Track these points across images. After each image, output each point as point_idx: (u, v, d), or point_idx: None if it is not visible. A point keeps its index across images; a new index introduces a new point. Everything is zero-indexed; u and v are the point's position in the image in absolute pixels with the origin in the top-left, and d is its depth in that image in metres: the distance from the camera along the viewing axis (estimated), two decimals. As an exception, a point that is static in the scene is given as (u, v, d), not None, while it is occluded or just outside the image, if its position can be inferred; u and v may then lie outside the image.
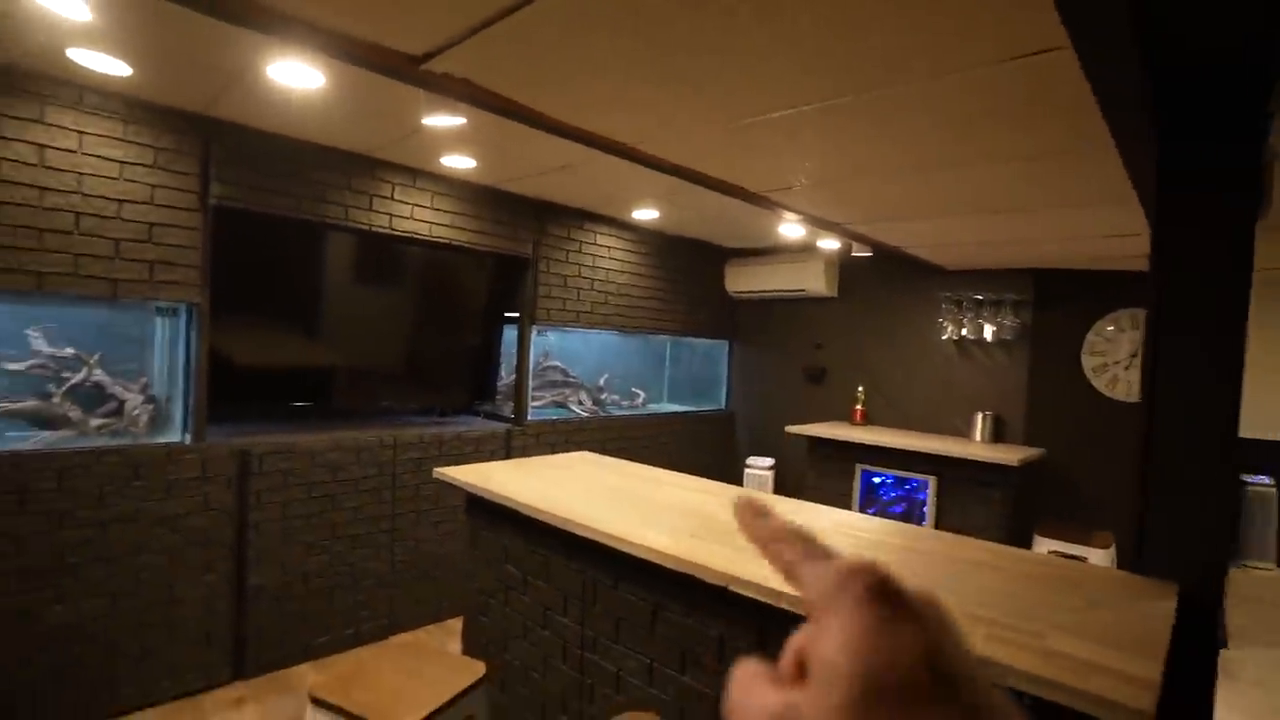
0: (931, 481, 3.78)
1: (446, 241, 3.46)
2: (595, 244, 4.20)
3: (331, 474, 3.06)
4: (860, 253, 3.96)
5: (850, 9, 1.19)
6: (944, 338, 4.20)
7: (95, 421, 2.66)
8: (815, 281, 4.59)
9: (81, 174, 2.40)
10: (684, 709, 1.67)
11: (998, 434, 4.02)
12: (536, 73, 1.52)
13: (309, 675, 2.91)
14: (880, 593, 0.26)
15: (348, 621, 3.13)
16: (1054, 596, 1.40)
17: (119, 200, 2.48)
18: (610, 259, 4.31)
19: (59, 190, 2.36)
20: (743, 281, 5.03)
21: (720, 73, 1.49)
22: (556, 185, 3.49)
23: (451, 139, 2.76)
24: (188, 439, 2.73)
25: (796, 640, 0.29)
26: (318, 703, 1.60)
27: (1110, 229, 2.75)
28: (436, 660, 1.82)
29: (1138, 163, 1.76)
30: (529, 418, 3.97)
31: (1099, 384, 3.84)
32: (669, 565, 1.58)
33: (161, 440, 2.71)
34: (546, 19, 1.23)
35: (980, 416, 4.03)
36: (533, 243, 3.84)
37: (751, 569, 1.48)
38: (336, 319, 3.50)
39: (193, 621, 2.70)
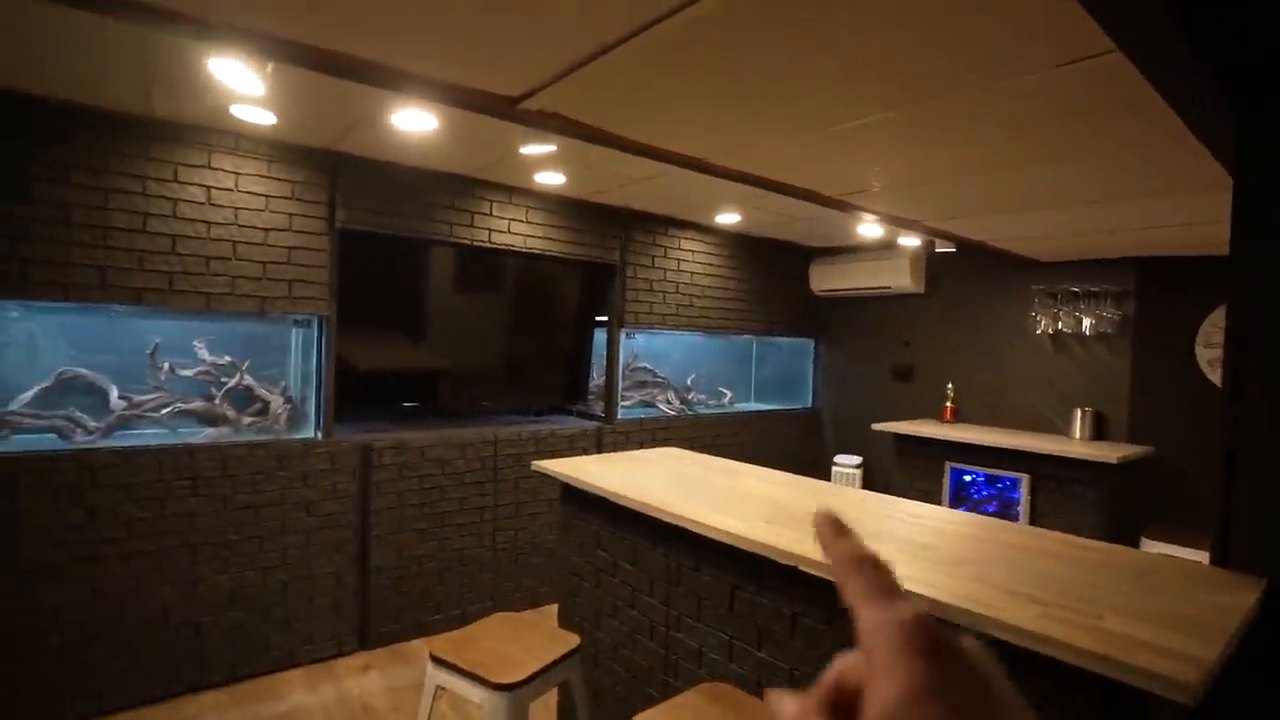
0: (1024, 480, 3.68)
1: (540, 252, 3.73)
2: (679, 249, 4.36)
3: (439, 468, 3.38)
4: (944, 248, 3.91)
5: (904, 31, 1.29)
6: (1038, 332, 4.06)
7: (246, 419, 3.09)
8: (901, 278, 4.55)
9: (237, 208, 2.81)
10: (760, 681, 1.80)
11: (1099, 431, 3.85)
12: (620, 106, 1.70)
13: (423, 648, 3.23)
14: (938, 654, 0.27)
15: (455, 602, 3.44)
16: (1121, 584, 1.43)
17: (265, 229, 2.88)
18: (694, 262, 4.46)
19: (221, 223, 2.78)
20: (827, 280, 5.04)
21: (790, 96, 1.62)
22: (641, 195, 3.68)
23: (544, 160, 3.00)
24: (319, 435, 3.11)
25: (843, 667, 0.30)
26: (437, 660, 1.85)
27: (1214, 215, 2.63)
28: (536, 631, 2.03)
29: (1221, 148, 1.73)
30: (619, 416, 4.18)
31: (1217, 377, 3.60)
32: (744, 547, 1.71)
33: (299, 436, 3.11)
34: (627, 62, 1.40)
35: (1079, 413, 3.87)
36: (619, 249, 4.05)
37: (816, 548, 1.59)
38: (441, 326, 3.84)
39: (326, 595, 3.08)
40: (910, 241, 3.78)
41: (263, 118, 2.55)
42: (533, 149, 2.32)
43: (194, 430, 2.95)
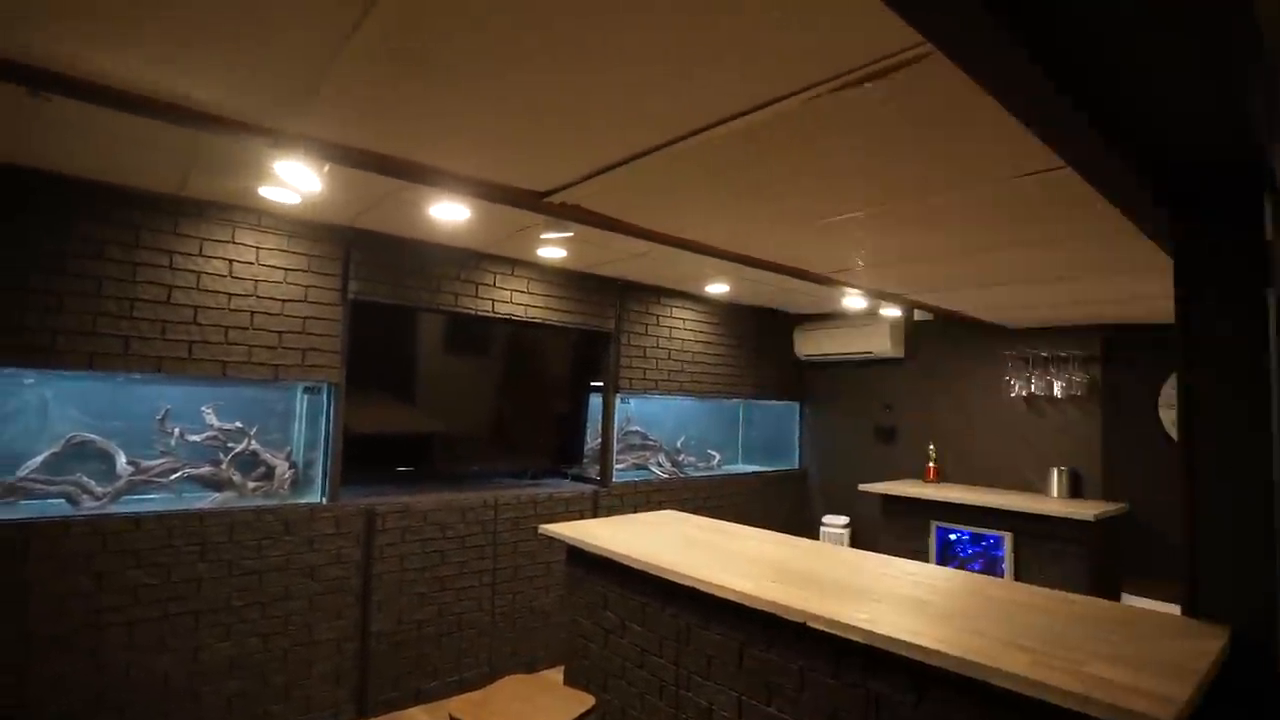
0: (1007, 538, 3.81)
1: (540, 320, 3.90)
2: (671, 317, 4.57)
3: (440, 531, 3.43)
4: (922, 315, 4.15)
5: (885, 145, 1.51)
6: (1013, 395, 4.28)
7: (251, 484, 3.14)
8: (881, 344, 4.78)
9: (257, 280, 2.95)
10: (769, 738, 1.87)
11: (1075, 489, 4.03)
12: (640, 201, 1.90)
13: (420, 715, 3.21)
14: None
15: (452, 668, 3.43)
16: (1100, 634, 1.56)
17: (283, 300, 3.02)
18: (685, 330, 4.66)
19: (241, 295, 2.91)
20: (811, 345, 5.27)
21: (789, 194, 1.83)
22: (637, 268, 3.89)
23: (554, 240, 3.20)
24: (325, 500, 3.17)
25: None
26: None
27: (1167, 290, 2.88)
28: (550, 693, 2.09)
29: (1162, 239, 1.97)
30: (614, 479, 4.27)
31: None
32: (753, 605, 1.82)
33: (304, 500, 3.16)
34: (651, 167, 1.60)
35: (1056, 472, 4.05)
36: (615, 318, 4.24)
37: (825, 606, 1.70)
38: (436, 390, 3.94)
39: (326, 661, 3.07)
40: (891, 311, 4.02)
41: (288, 197, 2.72)
42: (551, 235, 2.52)
43: (199, 495, 2.99)
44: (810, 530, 5.25)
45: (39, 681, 2.43)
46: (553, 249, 3.49)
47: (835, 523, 5.00)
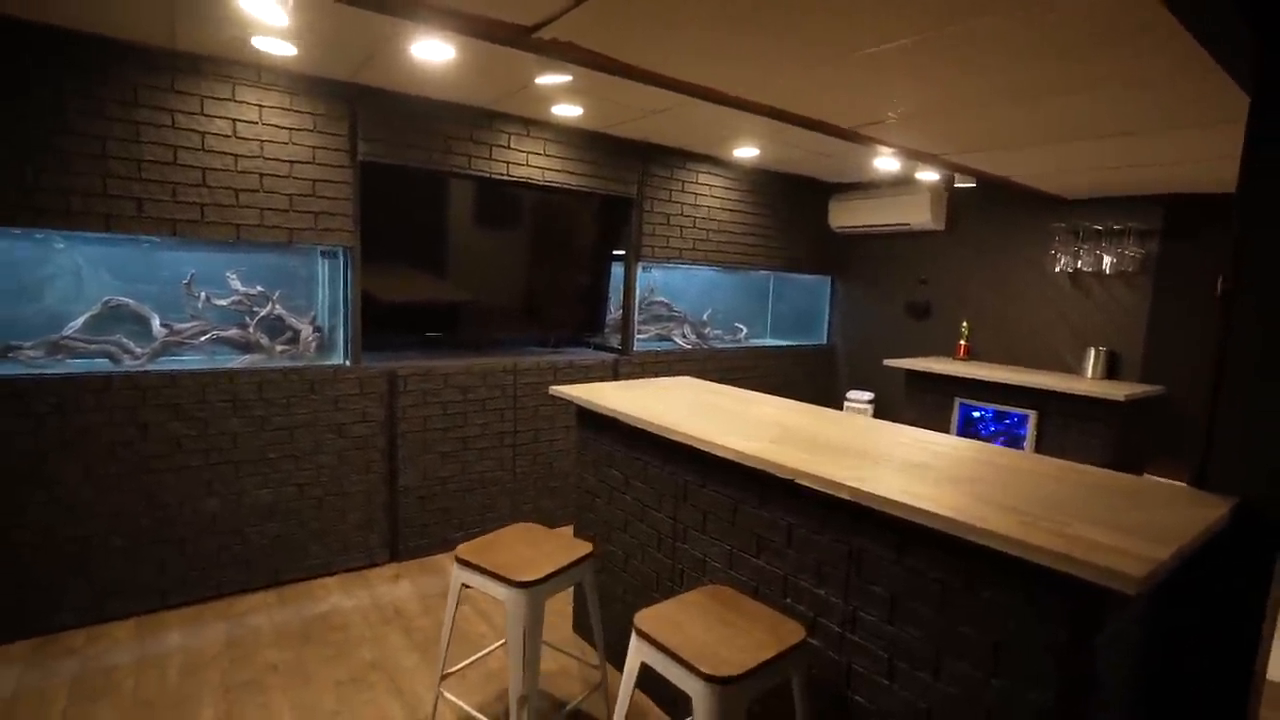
0: (1032, 416, 3.74)
1: (558, 185, 3.77)
2: (697, 183, 4.36)
3: (461, 394, 3.54)
4: (963, 183, 3.86)
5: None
6: (1057, 270, 4.04)
7: (279, 347, 3.25)
8: (920, 214, 4.51)
9: (263, 141, 2.89)
10: (758, 586, 1.95)
11: (1111, 370, 3.88)
12: (633, 33, 1.72)
13: (449, 562, 3.47)
14: None
15: (477, 521, 3.66)
16: (1101, 501, 1.52)
17: (290, 161, 2.96)
18: (712, 197, 4.46)
19: (247, 156, 2.86)
20: (846, 216, 5.01)
21: (805, 20, 1.63)
22: (658, 128, 3.67)
23: (560, 91, 3.01)
24: (348, 362, 3.27)
25: None
26: (462, 562, 2.03)
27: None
28: (553, 539, 2.20)
29: (1243, 75, 1.72)
30: (635, 348, 4.29)
31: (1233, 317, 3.58)
32: (746, 463, 1.83)
33: (329, 363, 3.26)
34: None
35: (1093, 352, 3.89)
36: (637, 183, 4.07)
37: (818, 466, 1.70)
38: (462, 259, 3.92)
39: (358, 510, 3.30)
40: (928, 176, 3.75)
41: (283, 49, 2.59)
42: (548, 79, 2.35)
43: (229, 356, 3.11)
44: (834, 405, 5.26)
45: (104, 515, 2.69)
46: (565, 106, 3.30)
47: (859, 398, 4.99)
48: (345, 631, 2.79)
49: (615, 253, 4.33)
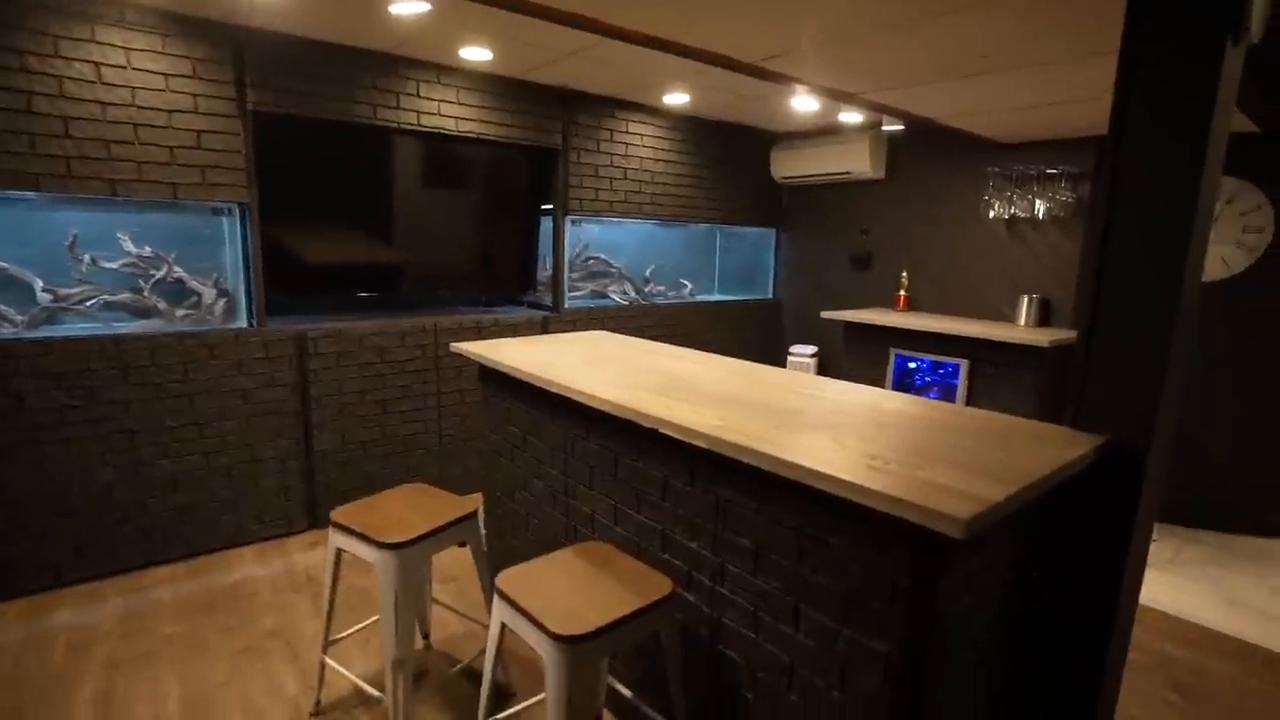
0: (963, 365, 3.71)
1: (474, 135, 3.59)
2: (627, 132, 4.20)
3: (379, 356, 3.42)
4: (890, 125, 3.74)
5: None
6: (991, 216, 3.96)
7: (180, 312, 3.09)
8: (860, 162, 4.40)
9: (134, 88, 2.69)
10: (639, 542, 1.89)
11: (1044, 317, 3.85)
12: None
13: (374, 526, 3.40)
14: None
15: (404, 482, 3.57)
16: (968, 443, 1.46)
17: (168, 110, 2.76)
18: (644, 146, 4.30)
19: (117, 104, 2.66)
20: (789, 166, 4.88)
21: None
22: (579, 73, 3.49)
23: (464, 32, 2.83)
24: (254, 324, 3.13)
25: None
26: (335, 525, 1.95)
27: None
28: (440, 498, 2.12)
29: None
30: (567, 306, 4.18)
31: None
32: (616, 414, 1.76)
33: (230, 326, 3.12)
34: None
35: (1026, 300, 3.85)
36: (562, 133, 3.90)
37: (677, 412, 1.62)
38: (394, 217, 3.75)
39: (272, 477, 3.19)
40: (852, 117, 3.62)
41: (142, -17, 2.39)
42: (403, 7, 2.18)
43: (127, 323, 2.95)
44: (779, 361, 5.21)
45: (-23, 490, 2.56)
46: (473, 49, 3.12)
47: (802, 352, 4.94)
48: (252, 600, 2.72)
49: (545, 207, 4.18)
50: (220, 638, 2.46)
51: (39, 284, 2.81)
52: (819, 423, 1.61)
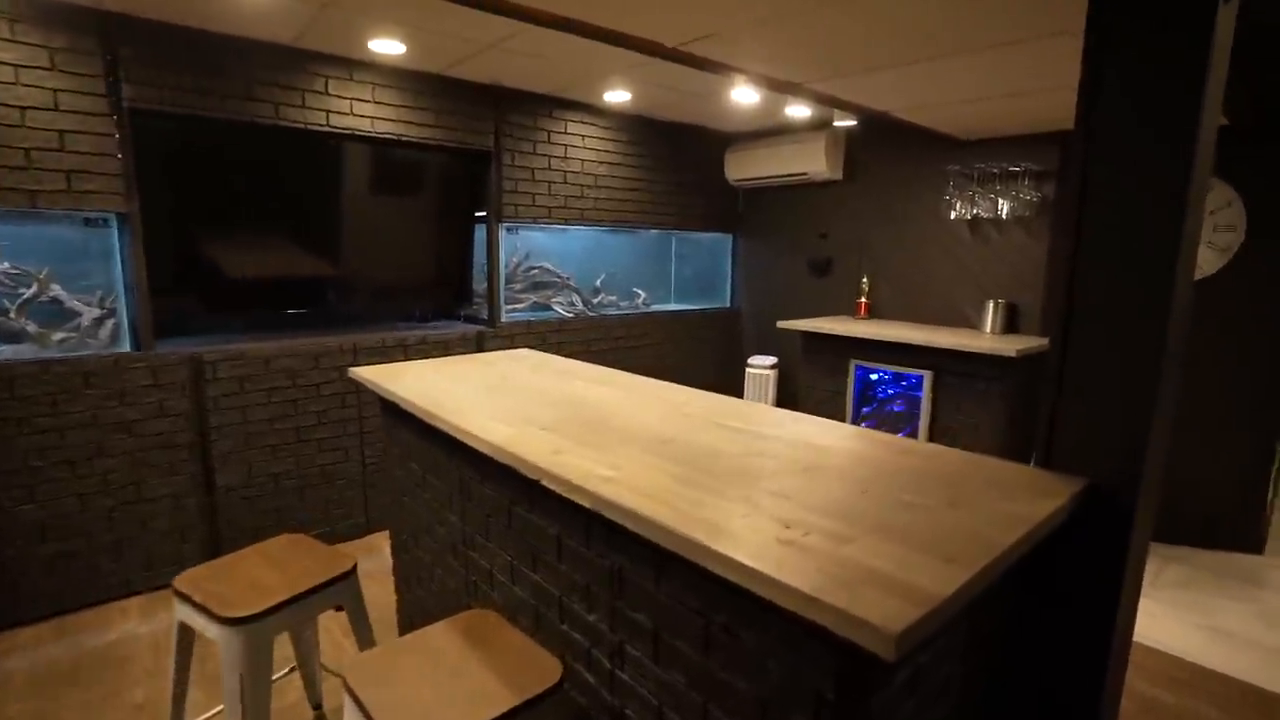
0: (927, 376, 3.48)
1: (394, 137, 3.29)
2: (566, 133, 3.92)
3: (290, 379, 3.09)
4: (842, 120, 3.51)
5: None
6: (953, 217, 3.75)
7: (58, 335, 2.74)
8: (816, 163, 4.17)
9: (-23, 81, 2.35)
10: (538, 608, 1.60)
11: (1011, 323, 3.63)
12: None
13: (286, 568, 3.06)
14: None
15: (323, 520, 3.25)
16: (912, 497, 1.20)
17: (20, 107, 2.43)
18: (585, 149, 4.02)
19: (-44, 99, 2.32)
20: (743, 168, 4.64)
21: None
22: (505, 68, 3.21)
23: (368, 19, 2.54)
24: (134, 349, 2.79)
25: None
26: (176, 593, 1.63)
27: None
28: (312, 556, 1.82)
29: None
30: (504, 319, 3.88)
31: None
32: (493, 455, 1.48)
33: (108, 351, 2.77)
34: None
35: (992, 305, 3.63)
36: (494, 134, 3.61)
37: (565, 460, 1.34)
38: (314, 227, 3.45)
39: (164, 518, 2.85)
40: (806, 113, 3.38)
41: (-28, -40, 2.06)
42: None
43: None
44: (737, 372, 4.96)
45: None
46: (383, 41, 2.83)
47: (761, 364, 4.69)
48: (124, 667, 2.38)
49: (480, 214, 3.88)
50: (75, 716, 2.12)
51: None
52: (734, 470, 1.33)
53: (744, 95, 2.98)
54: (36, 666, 2.36)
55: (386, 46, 2.90)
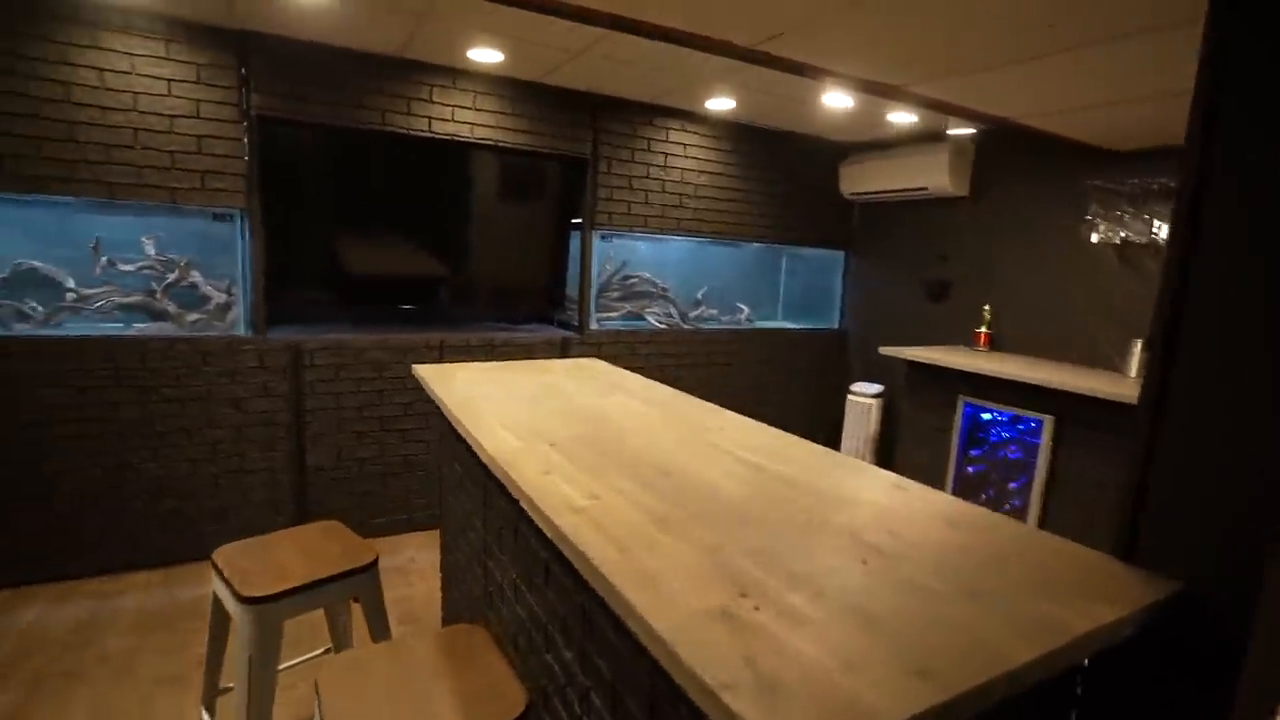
0: (1047, 423, 3.03)
1: (492, 143, 3.39)
2: (666, 141, 3.85)
3: (376, 371, 3.27)
4: (957, 129, 3.14)
5: None
6: (1095, 240, 3.24)
7: (192, 317, 3.08)
8: (938, 176, 3.79)
9: (136, 93, 2.69)
10: (532, 633, 1.53)
11: (1162, 368, 3.07)
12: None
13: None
14: None
15: (401, 507, 3.41)
16: (934, 574, 1.00)
17: (170, 115, 2.75)
18: (686, 157, 3.94)
19: (118, 109, 2.67)
20: (858, 181, 4.33)
21: None
22: (599, 75, 3.21)
23: (469, 28, 2.63)
24: (249, 333, 3.07)
25: None
26: (213, 564, 1.74)
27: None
28: (340, 545, 1.87)
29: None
30: (594, 327, 3.88)
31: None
32: (491, 468, 1.43)
33: (225, 334, 3.06)
34: None
35: (1139, 346, 3.10)
36: (591, 141, 3.63)
37: (550, 482, 1.26)
38: (419, 228, 3.65)
39: (261, 490, 3.11)
40: (902, 119, 3.07)
41: (130, -14, 2.36)
42: None
43: (143, 323, 2.96)
44: (838, 398, 4.63)
45: (-36, 484, 2.61)
46: (482, 50, 2.92)
47: (864, 392, 4.34)
48: (203, 620, 2.60)
49: (574, 220, 3.92)
50: (151, 661, 2.34)
51: (70, 283, 2.88)
52: (723, 514, 1.18)
53: (836, 100, 2.75)
54: (141, 608, 2.65)
55: (485, 55, 2.99)
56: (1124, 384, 2.92)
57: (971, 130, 3.10)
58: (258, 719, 1.60)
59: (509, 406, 1.87)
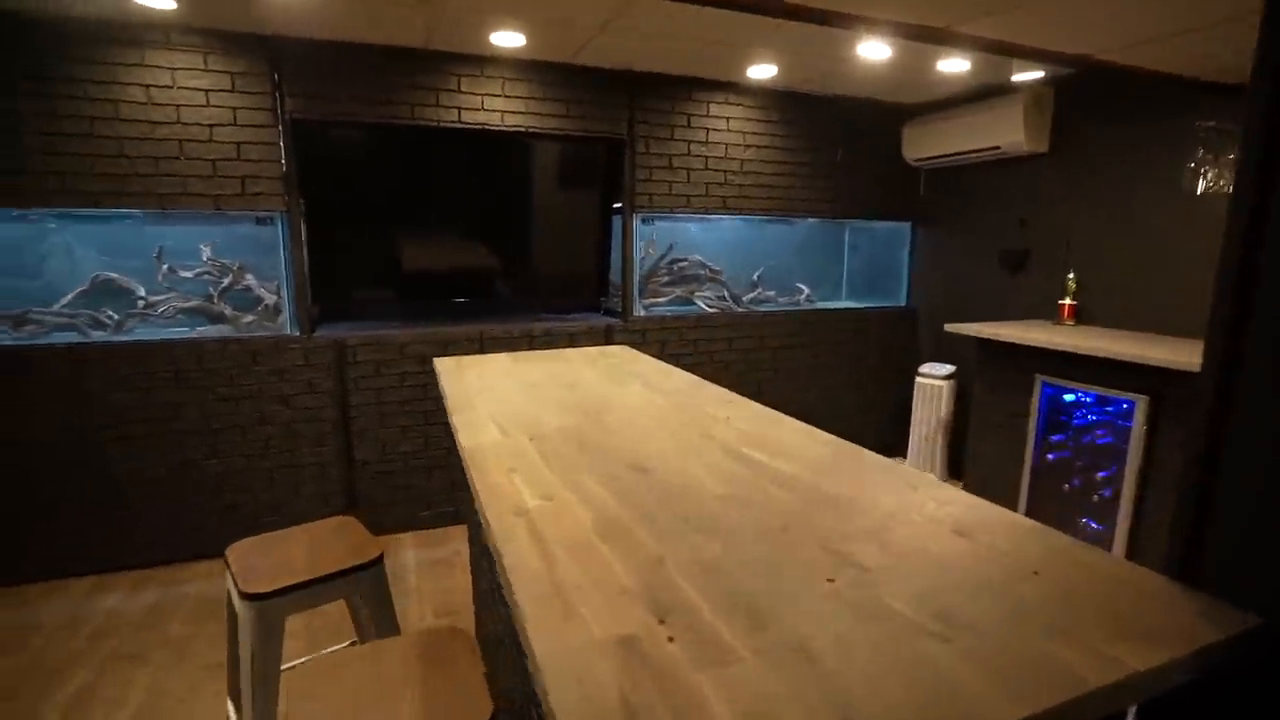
0: (1140, 404, 2.65)
1: (524, 129, 3.33)
2: (708, 115, 3.67)
3: (419, 365, 3.30)
4: (1021, 73, 2.77)
5: None
6: (1201, 190, 2.80)
7: (247, 318, 3.21)
8: (1012, 133, 3.41)
9: (178, 105, 2.80)
10: (504, 639, 1.45)
11: (1286, 337, 2.62)
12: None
13: (412, 541, 3.29)
14: None
15: (446, 499, 3.44)
16: (909, 599, 0.83)
17: (210, 125, 2.85)
18: (729, 131, 3.73)
19: (164, 122, 2.79)
20: (923, 145, 3.98)
21: None
22: (631, 51, 3.07)
23: (484, 11, 2.57)
24: (295, 331, 3.16)
25: None
26: (225, 560, 1.76)
27: None
28: (349, 541, 1.86)
29: None
30: (639, 313, 3.77)
31: None
32: (464, 463, 1.35)
33: (271, 333, 3.16)
34: None
35: (1256, 311, 2.65)
36: (627, 121, 3.50)
37: (506, 482, 1.17)
38: (461, 221, 3.65)
39: (312, 484, 3.21)
40: (954, 66, 2.73)
41: (160, 2, 2.44)
42: None
43: (203, 326, 3.11)
44: (904, 381, 4.30)
45: (45, 482, 2.82)
46: (504, 34, 2.85)
47: (934, 373, 4.00)
48: (257, 610, 2.71)
49: (615, 204, 3.80)
50: (207, 646, 2.45)
51: (141, 291, 3.05)
52: (687, 519, 1.05)
53: (874, 51, 2.47)
54: (204, 596, 2.80)
55: (508, 39, 2.92)
56: (1235, 357, 2.51)
57: (1042, 74, 2.73)
58: (262, 713, 1.61)
59: (508, 398, 1.79)
